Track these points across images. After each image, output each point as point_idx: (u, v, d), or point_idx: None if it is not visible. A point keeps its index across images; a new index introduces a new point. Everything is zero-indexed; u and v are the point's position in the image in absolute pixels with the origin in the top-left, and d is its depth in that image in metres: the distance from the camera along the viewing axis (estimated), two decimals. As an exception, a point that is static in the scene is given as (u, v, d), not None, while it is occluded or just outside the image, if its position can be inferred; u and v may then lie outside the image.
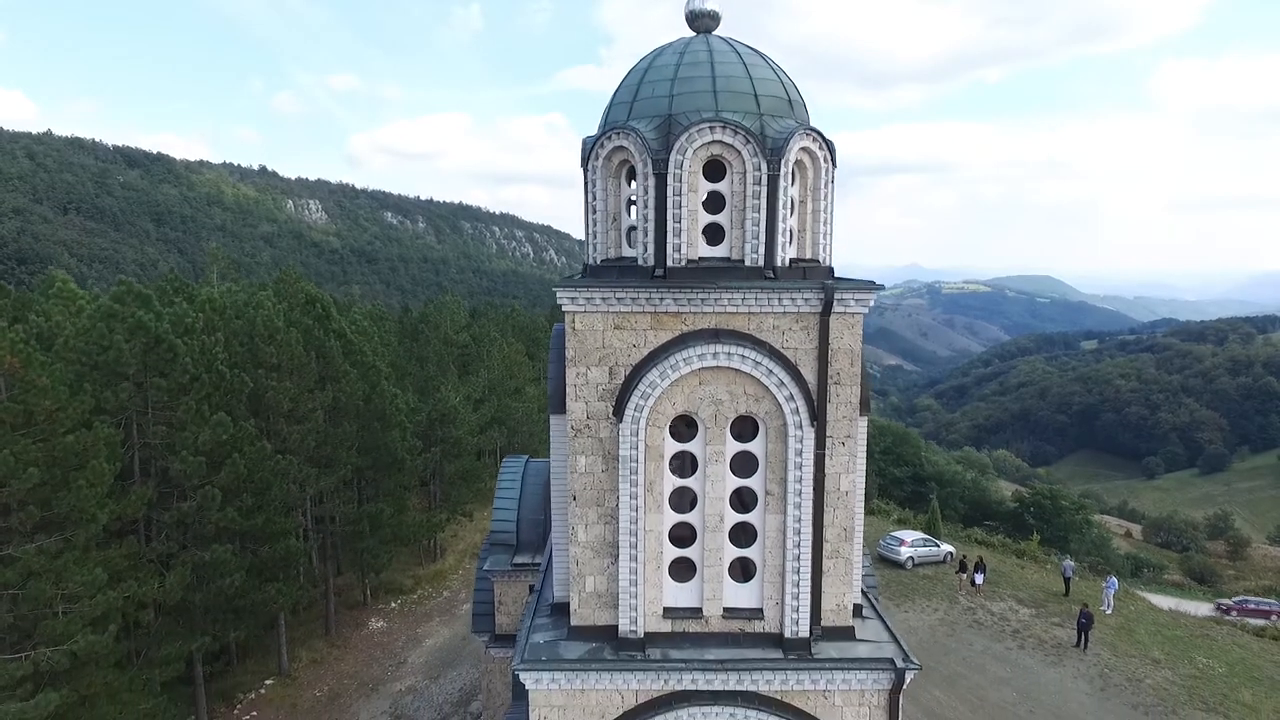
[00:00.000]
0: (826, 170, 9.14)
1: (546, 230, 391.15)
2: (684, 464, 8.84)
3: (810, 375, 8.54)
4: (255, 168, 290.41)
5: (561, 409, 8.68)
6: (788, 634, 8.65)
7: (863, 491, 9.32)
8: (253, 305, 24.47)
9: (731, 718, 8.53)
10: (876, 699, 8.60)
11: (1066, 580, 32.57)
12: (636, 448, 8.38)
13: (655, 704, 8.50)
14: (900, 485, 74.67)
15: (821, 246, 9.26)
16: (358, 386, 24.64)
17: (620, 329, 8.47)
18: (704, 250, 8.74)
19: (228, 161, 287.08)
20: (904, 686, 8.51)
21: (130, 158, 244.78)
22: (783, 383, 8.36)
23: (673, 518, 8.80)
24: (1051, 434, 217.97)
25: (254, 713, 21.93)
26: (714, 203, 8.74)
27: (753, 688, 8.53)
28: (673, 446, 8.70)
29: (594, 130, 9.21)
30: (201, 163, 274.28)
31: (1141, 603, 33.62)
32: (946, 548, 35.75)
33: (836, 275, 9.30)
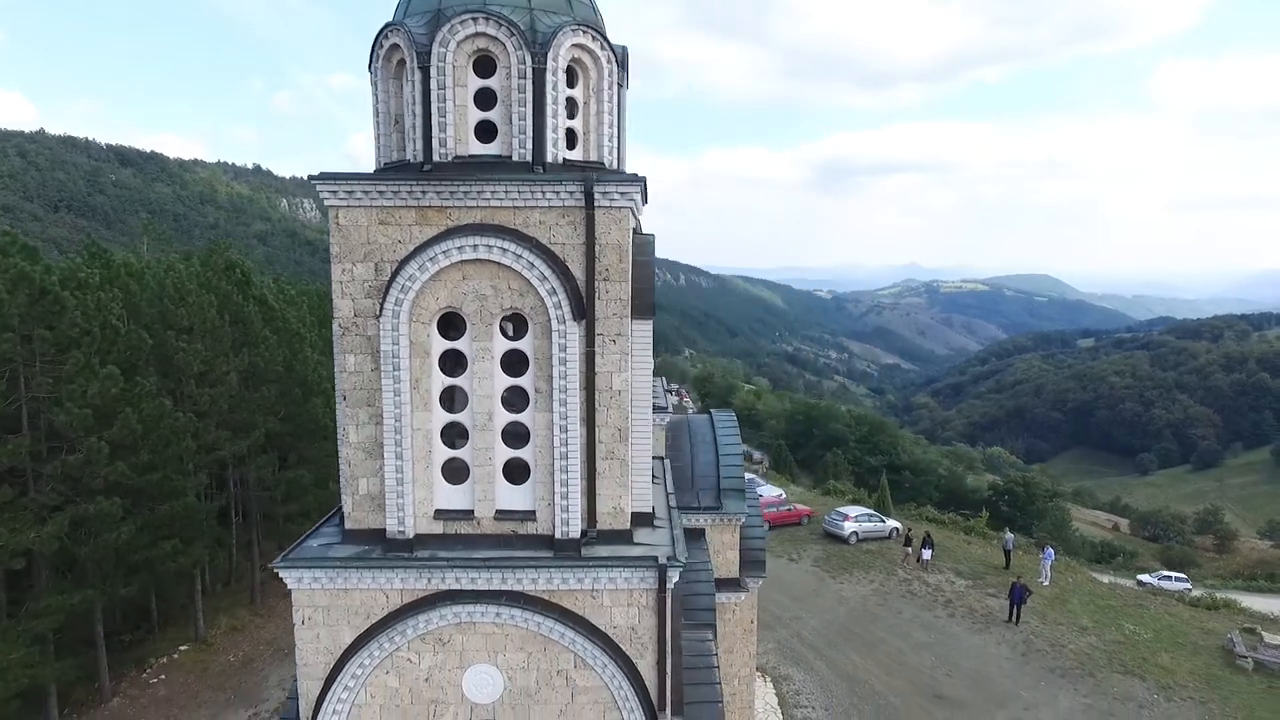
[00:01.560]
0: (610, 73, 9.05)
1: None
2: (460, 363, 8.76)
3: (578, 271, 8.46)
4: (250, 166, 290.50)
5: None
6: (558, 535, 8.56)
7: (647, 394, 9.24)
8: (162, 268, 24.47)
9: (497, 617, 8.44)
10: (645, 599, 8.51)
11: (1007, 553, 32.52)
12: (398, 343, 8.29)
13: (420, 604, 8.41)
14: (875, 474, 74.55)
15: (607, 149, 9.18)
16: (277, 352, 24.63)
17: (386, 224, 8.38)
18: (476, 147, 8.65)
19: (222, 160, 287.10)
20: (669, 585, 8.41)
21: (124, 156, 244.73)
22: (545, 277, 8.28)
23: (444, 417, 8.71)
24: (1046, 431, 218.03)
25: (162, 676, 21.89)
26: (487, 99, 8.65)
27: (518, 587, 8.43)
28: (441, 344, 8.61)
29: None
30: (195, 161, 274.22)
31: (1081, 575, 33.54)
32: (892, 523, 35.67)
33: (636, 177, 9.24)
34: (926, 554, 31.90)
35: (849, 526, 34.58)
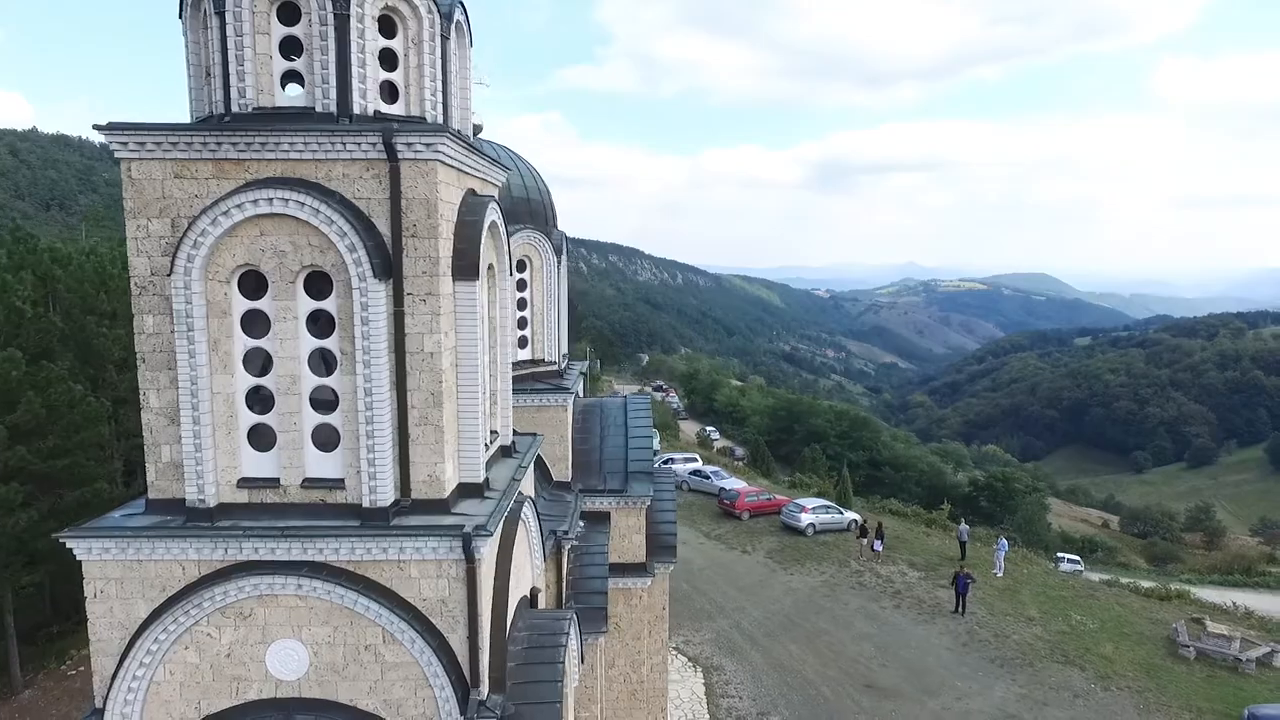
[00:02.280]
0: (433, 24, 8.68)
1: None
2: (267, 324, 8.38)
3: (385, 227, 8.09)
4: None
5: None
6: (366, 504, 8.18)
7: (474, 360, 8.86)
8: (83, 253, 24.12)
9: (299, 589, 8.07)
10: (454, 570, 8.14)
11: (962, 545, 32.17)
12: (192, 303, 7.92)
13: (218, 576, 8.04)
14: (856, 469, 74.23)
15: (430, 104, 8.80)
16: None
17: (181, 178, 8.00)
18: (282, 99, 8.29)
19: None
20: (478, 556, 8.03)
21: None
22: (344, 233, 7.89)
23: (248, 380, 8.33)
24: (1041, 429, 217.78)
25: (81, 668, 21.54)
26: (296, 49, 8.28)
27: (319, 557, 8.07)
28: (242, 304, 8.24)
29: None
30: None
31: (1036, 566, 33.19)
32: (851, 515, 35.29)
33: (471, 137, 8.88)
34: (878, 545, 31.54)
35: (806, 518, 34.21)
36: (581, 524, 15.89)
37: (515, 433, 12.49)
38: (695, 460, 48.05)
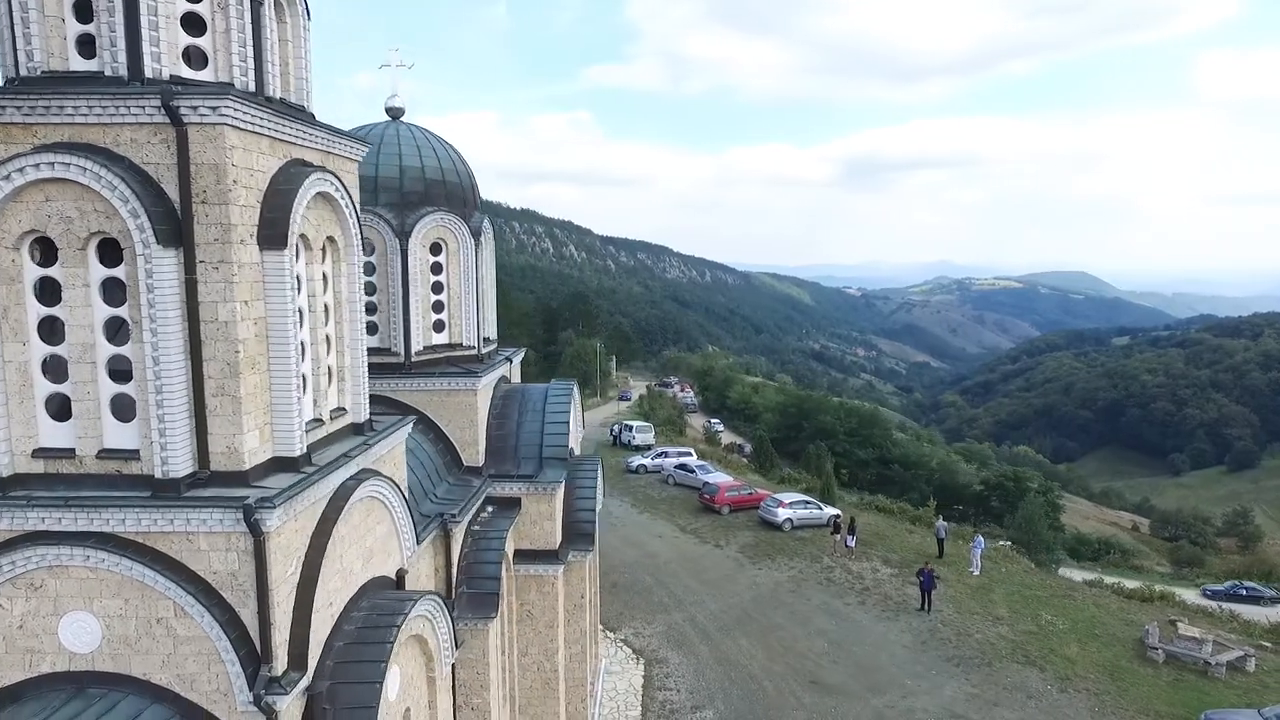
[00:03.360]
0: None
1: (567, 226, 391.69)
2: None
3: (174, 193, 7.94)
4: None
5: None
6: (158, 475, 8.05)
7: (287, 331, 8.65)
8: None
9: (87, 560, 7.95)
10: (243, 543, 7.95)
11: (940, 541, 31.37)
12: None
13: (6, 546, 7.96)
14: (866, 467, 73.21)
15: (240, 70, 8.60)
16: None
17: (-32, 143, 7.93)
18: (77, 63, 8.18)
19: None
20: (264, 529, 7.83)
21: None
22: (126, 198, 7.74)
23: (42, 349, 8.24)
24: (1075, 430, 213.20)
25: None
26: (85, 13, 8.16)
27: (106, 528, 7.95)
28: (34, 270, 8.14)
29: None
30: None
31: (1016, 565, 32.22)
32: (831, 511, 34.61)
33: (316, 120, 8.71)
34: (851, 541, 30.88)
35: (783, 514, 33.64)
36: (490, 509, 15.72)
37: (382, 413, 12.34)
38: (690, 454, 47.66)
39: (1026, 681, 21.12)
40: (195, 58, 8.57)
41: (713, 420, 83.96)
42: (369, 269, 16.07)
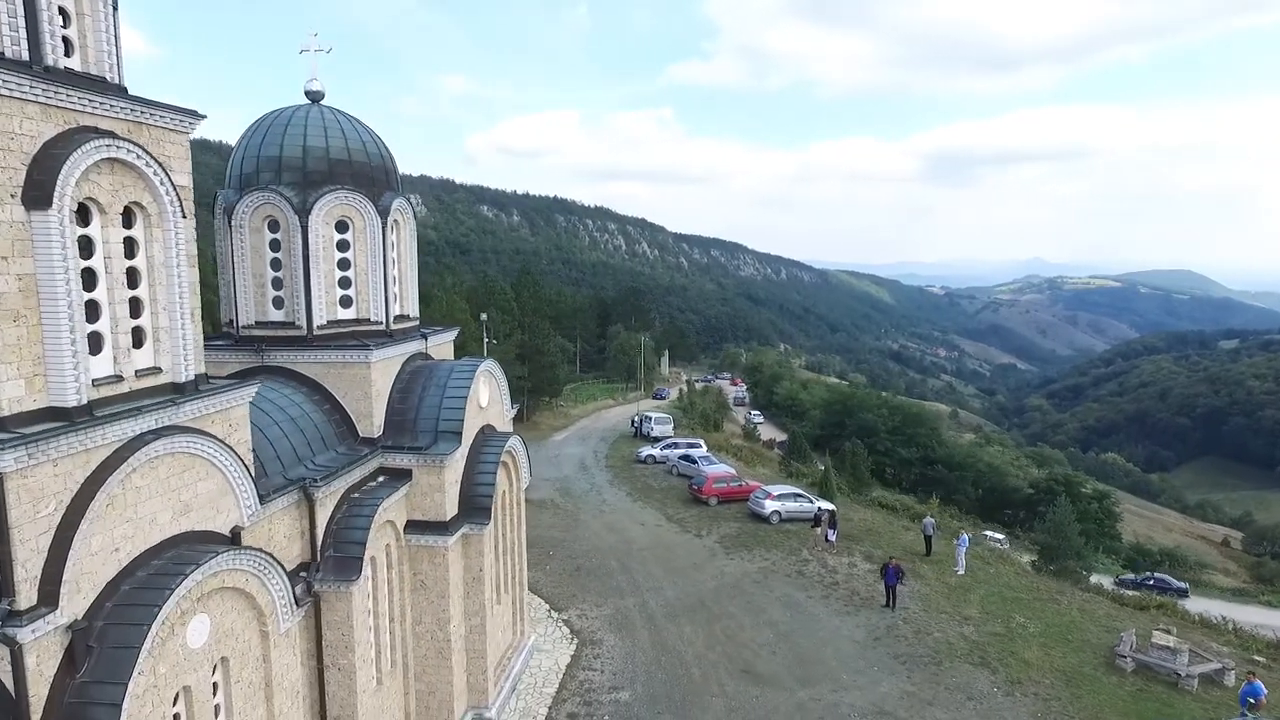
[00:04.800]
0: None
1: (641, 223, 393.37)
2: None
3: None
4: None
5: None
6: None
7: (53, 287, 9.14)
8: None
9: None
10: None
11: (928, 539, 30.14)
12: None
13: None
14: (909, 466, 71.00)
15: (8, 38, 9.18)
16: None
17: None
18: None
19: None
20: (2, 468, 8.32)
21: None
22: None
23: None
24: (1170, 438, 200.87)
25: None
26: None
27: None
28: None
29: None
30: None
31: (1007, 565, 30.61)
32: (823, 505, 33.70)
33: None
34: (832, 535, 30.03)
35: (770, 505, 32.99)
36: (381, 479, 16.11)
37: (220, 377, 12.83)
38: (698, 446, 47.32)
39: (972, 683, 20.12)
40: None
41: (753, 414, 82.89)
42: (274, 245, 16.75)
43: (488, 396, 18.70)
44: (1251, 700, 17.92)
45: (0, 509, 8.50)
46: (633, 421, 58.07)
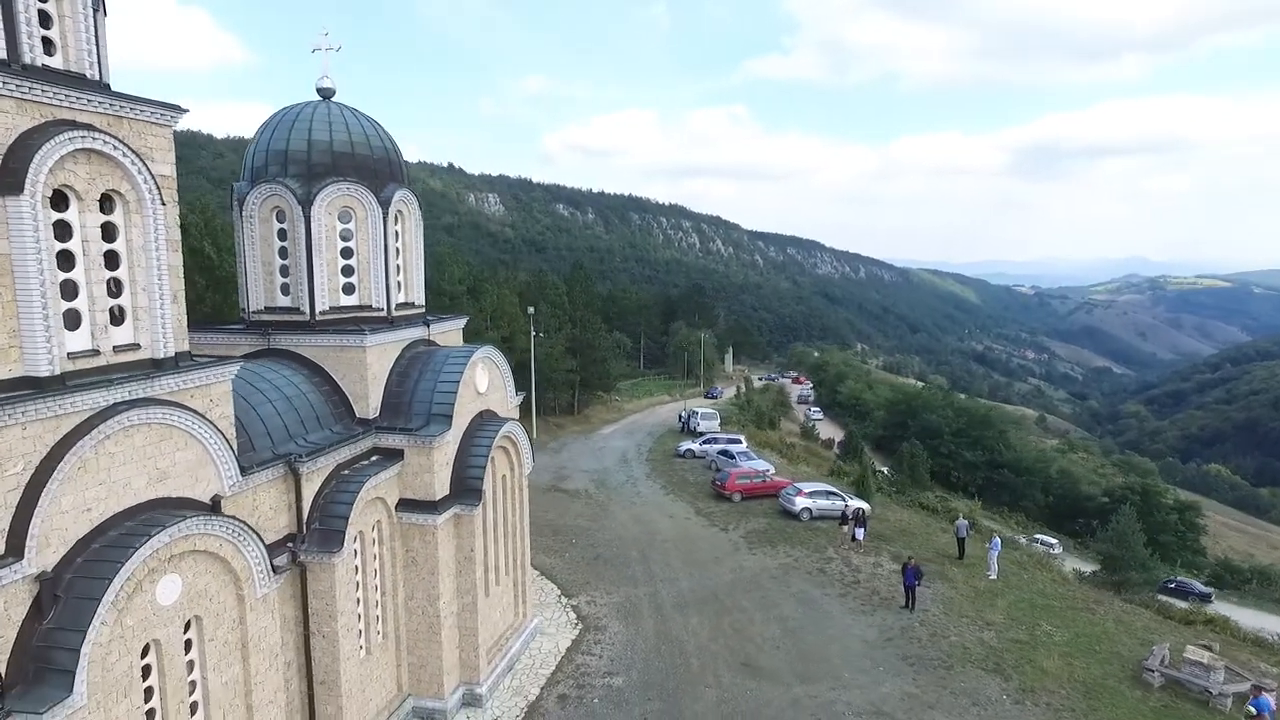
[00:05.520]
0: None
1: (715, 221, 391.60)
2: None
3: None
4: (444, 165, 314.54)
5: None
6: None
7: (25, 265, 9.97)
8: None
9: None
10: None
11: (960, 541, 29.09)
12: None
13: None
14: (974, 470, 68.58)
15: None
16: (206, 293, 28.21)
17: None
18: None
19: (422, 160, 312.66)
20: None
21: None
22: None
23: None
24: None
25: None
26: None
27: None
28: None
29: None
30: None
31: (1046, 573, 29.20)
32: (857, 504, 32.94)
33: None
34: (860, 533, 29.33)
35: (801, 502, 32.48)
36: (375, 458, 16.76)
37: (204, 356, 13.59)
38: (738, 441, 46.97)
39: (981, 688, 19.40)
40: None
41: (813, 411, 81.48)
42: (281, 235, 17.65)
43: (487, 382, 19.18)
44: (1253, 712, 16.78)
45: (-33, 466, 9.36)
46: (680, 417, 58.23)
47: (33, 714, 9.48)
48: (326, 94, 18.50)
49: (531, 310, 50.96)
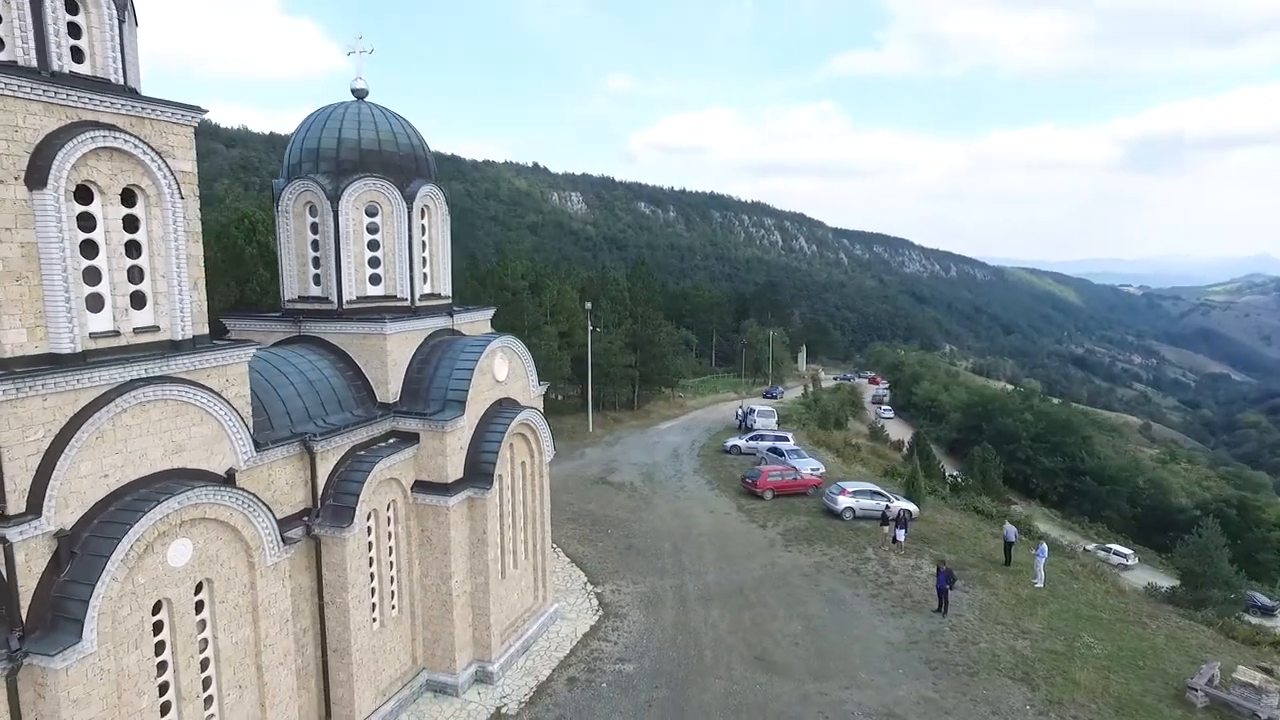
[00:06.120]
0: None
1: (798, 218, 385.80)
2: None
3: None
4: (529, 164, 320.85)
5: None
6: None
7: (49, 252, 11.05)
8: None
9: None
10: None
11: (1008, 547, 27.96)
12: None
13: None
14: (1052, 477, 65.49)
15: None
16: (269, 285, 29.94)
17: None
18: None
19: (509, 160, 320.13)
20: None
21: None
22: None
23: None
24: None
25: None
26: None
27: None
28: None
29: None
30: (486, 161, 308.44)
31: (1100, 584, 27.68)
32: (902, 505, 32.09)
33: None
34: (900, 535, 28.57)
35: (843, 501, 31.88)
36: (393, 440, 17.58)
37: (216, 338, 14.57)
38: (786, 439, 46.47)
39: (1004, 697, 18.71)
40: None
41: (884, 410, 79.36)
42: (314, 228, 18.69)
43: (507, 371, 19.77)
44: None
45: (-9, 431, 10.48)
46: (737, 414, 58.01)
47: (45, 656, 10.54)
48: (360, 94, 19.47)
49: (589, 305, 51.74)
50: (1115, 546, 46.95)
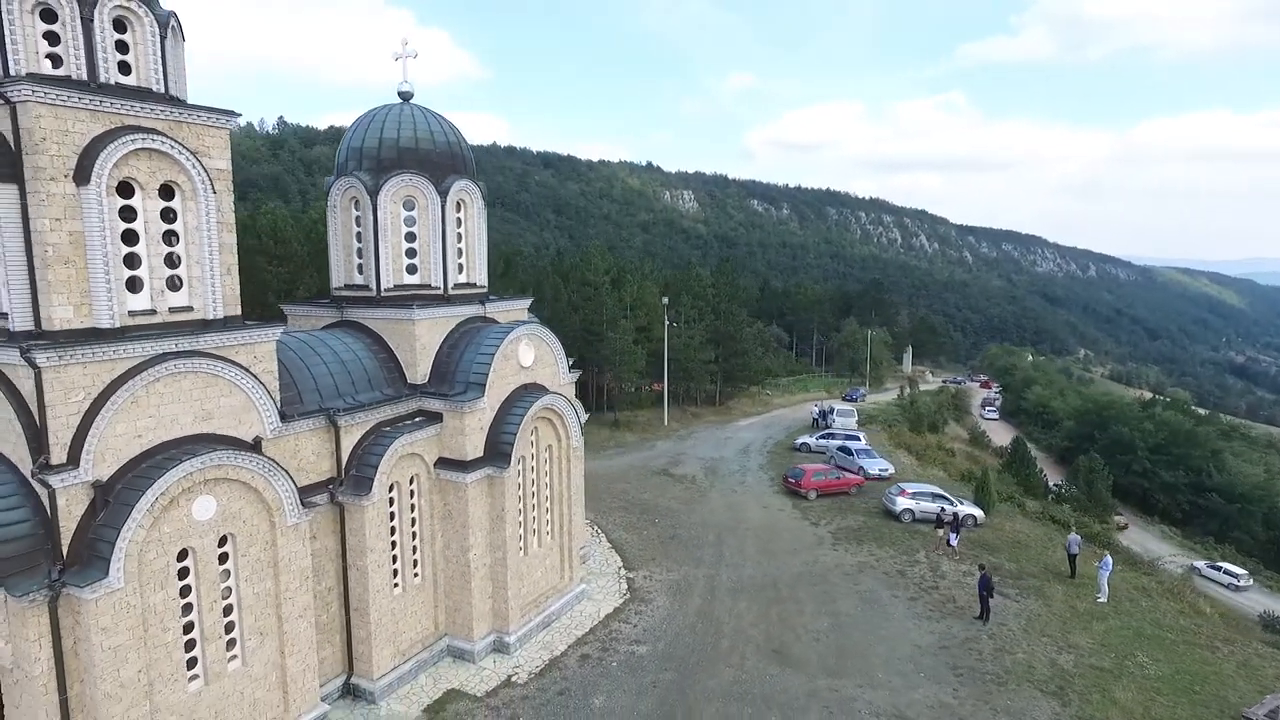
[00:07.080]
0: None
1: (919, 215, 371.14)
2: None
3: (13, 145, 12.47)
4: (643, 163, 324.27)
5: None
6: (13, 329, 12.81)
7: (94, 240, 12.74)
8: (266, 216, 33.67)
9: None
10: (27, 374, 12.23)
11: (1072, 558, 26.31)
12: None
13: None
14: (1174, 492, 60.46)
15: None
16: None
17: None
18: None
19: (623, 160, 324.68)
20: (39, 364, 11.96)
21: (546, 160, 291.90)
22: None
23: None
24: None
25: None
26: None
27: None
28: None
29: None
30: (601, 161, 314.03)
31: (1176, 603, 25.46)
32: (967, 510, 30.73)
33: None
34: (954, 539, 27.38)
35: (902, 503, 30.86)
36: (419, 419, 18.80)
37: (238, 319, 16.07)
38: (857, 438, 45.27)
39: (1030, 709, 17.81)
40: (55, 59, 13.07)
41: (987, 411, 75.25)
42: (358, 221, 20.19)
43: (533, 357, 20.64)
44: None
45: (39, 392, 12.23)
46: (813, 412, 56.96)
47: (77, 588, 12.21)
48: (406, 96, 20.85)
49: (665, 300, 52.22)
50: (1227, 565, 42.91)
